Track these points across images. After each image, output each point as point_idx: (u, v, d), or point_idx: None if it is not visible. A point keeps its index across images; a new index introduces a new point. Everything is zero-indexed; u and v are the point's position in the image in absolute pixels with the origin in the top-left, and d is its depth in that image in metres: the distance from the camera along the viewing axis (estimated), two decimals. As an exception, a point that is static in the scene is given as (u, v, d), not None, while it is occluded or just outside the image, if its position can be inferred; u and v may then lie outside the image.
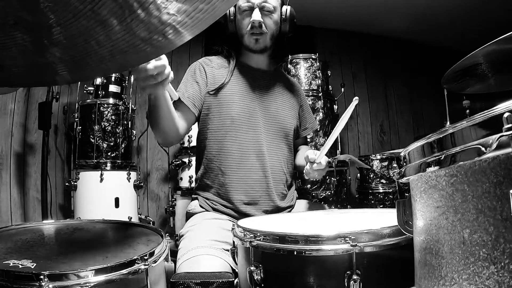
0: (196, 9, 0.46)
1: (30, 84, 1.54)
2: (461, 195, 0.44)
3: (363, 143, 3.50)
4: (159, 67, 0.82)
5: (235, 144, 1.20)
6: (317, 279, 0.70)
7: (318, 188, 2.19)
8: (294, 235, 0.72)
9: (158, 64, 0.82)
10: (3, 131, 2.31)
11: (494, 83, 1.15)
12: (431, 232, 0.50)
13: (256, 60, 1.32)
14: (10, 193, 2.29)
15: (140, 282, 0.63)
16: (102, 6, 0.42)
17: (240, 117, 1.22)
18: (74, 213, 2.11)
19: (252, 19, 1.19)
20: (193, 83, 1.24)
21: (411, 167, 0.54)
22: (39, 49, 0.47)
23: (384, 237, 0.70)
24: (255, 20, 1.19)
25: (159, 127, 1.07)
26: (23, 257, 0.65)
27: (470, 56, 0.99)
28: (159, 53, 0.55)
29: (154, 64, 0.81)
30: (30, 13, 0.42)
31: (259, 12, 1.19)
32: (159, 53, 0.55)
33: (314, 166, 1.12)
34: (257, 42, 1.23)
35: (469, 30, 3.08)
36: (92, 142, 2.16)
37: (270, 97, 1.30)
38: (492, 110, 0.38)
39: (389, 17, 3.13)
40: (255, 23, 1.19)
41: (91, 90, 2.31)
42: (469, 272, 0.42)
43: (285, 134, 1.30)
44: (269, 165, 1.22)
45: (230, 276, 0.79)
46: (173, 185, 2.69)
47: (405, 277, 0.64)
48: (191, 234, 1.09)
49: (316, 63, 2.39)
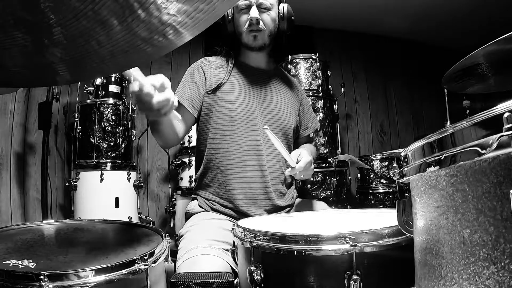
0: (196, 10, 0.46)
1: (30, 84, 1.54)
2: (461, 195, 0.44)
3: (363, 143, 3.50)
4: (162, 102, 0.81)
5: (235, 143, 1.21)
6: (317, 279, 0.70)
7: (318, 188, 2.19)
8: (294, 235, 0.72)
9: (161, 99, 0.81)
10: (3, 131, 2.31)
11: (494, 83, 1.15)
12: (431, 232, 0.50)
13: (255, 59, 1.32)
14: (10, 193, 2.29)
15: (140, 282, 0.63)
16: (102, 6, 0.42)
17: (239, 116, 1.22)
18: (74, 213, 2.11)
19: (250, 16, 1.20)
20: (192, 84, 1.24)
21: (411, 167, 0.54)
22: (40, 49, 0.47)
23: (384, 237, 0.70)
24: (252, 17, 1.20)
25: (160, 136, 1.11)
26: (23, 257, 0.65)
27: (470, 56, 0.99)
28: (159, 53, 0.55)
29: (157, 99, 0.80)
30: (30, 13, 0.42)
31: (256, 9, 1.21)
32: (159, 53, 0.55)
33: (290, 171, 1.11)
34: (255, 39, 1.24)
35: (469, 30, 3.08)
36: (92, 142, 2.16)
37: (270, 95, 1.30)
38: (492, 110, 0.38)
39: (389, 17, 3.13)
40: (253, 20, 1.20)
41: (91, 90, 2.31)
42: (469, 272, 0.42)
43: (285, 133, 1.30)
44: (267, 164, 1.22)
45: (230, 276, 0.79)
46: (173, 185, 2.70)
47: (405, 277, 0.64)
48: (190, 234, 1.09)
49: (316, 63, 2.39)
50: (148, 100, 0.80)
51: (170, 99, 0.84)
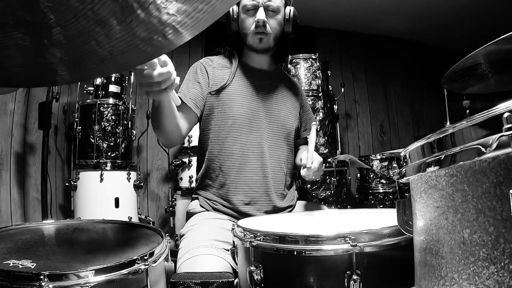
0: (196, 9, 0.46)
1: (30, 84, 1.54)
2: (461, 195, 0.44)
3: (363, 143, 3.50)
4: (164, 74, 0.80)
5: (237, 144, 1.20)
6: (317, 279, 0.70)
7: (318, 188, 2.19)
8: (294, 235, 0.72)
9: (163, 71, 0.80)
10: (3, 131, 2.31)
11: (494, 83, 1.15)
12: (431, 232, 0.50)
13: (258, 60, 1.32)
14: (10, 193, 2.29)
15: (140, 282, 0.63)
16: (102, 6, 0.42)
17: (242, 117, 1.22)
18: (74, 213, 2.11)
19: (256, 18, 1.19)
20: (195, 83, 1.24)
21: (411, 167, 0.54)
22: (39, 49, 0.47)
23: (384, 237, 0.70)
24: (260, 19, 1.19)
25: (162, 130, 1.08)
26: (23, 257, 0.65)
27: (470, 56, 0.99)
28: (159, 53, 0.55)
29: (159, 71, 0.79)
30: (30, 13, 0.42)
31: (263, 11, 1.20)
32: (159, 53, 0.55)
33: (306, 171, 1.12)
34: (261, 41, 1.23)
35: (469, 30, 3.08)
36: (92, 142, 2.16)
37: (272, 97, 1.30)
38: (492, 110, 0.38)
39: (389, 17, 3.13)
40: (260, 22, 1.19)
41: (91, 90, 2.31)
42: (469, 272, 0.42)
43: (287, 134, 1.30)
44: (269, 166, 1.22)
45: (230, 276, 0.79)
46: (173, 185, 2.69)
47: (405, 277, 0.64)
48: (191, 234, 1.09)
49: (316, 63, 2.39)
50: (150, 72, 0.79)
51: (172, 73, 0.83)
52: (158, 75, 0.80)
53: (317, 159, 1.15)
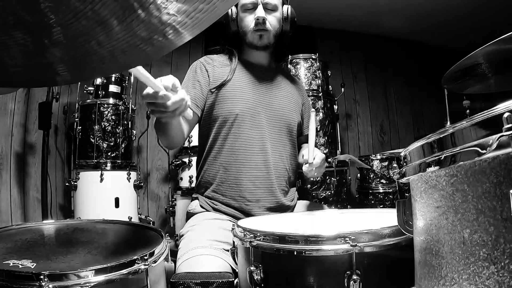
0: (196, 9, 0.46)
1: (30, 84, 1.54)
2: (461, 195, 0.44)
3: (363, 143, 3.49)
4: (178, 102, 0.80)
5: (238, 140, 1.20)
6: (317, 279, 0.70)
7: (318, 188, 2.19)
8: (294, 235, 0.72)
9: (177, 99, 0.80)
10: (3, 131, 2.31)
11: (494, 83, 1.15)
12: (431, 232, 0.50)
13: (258, 57, 1.33)
14: (10, 193, 2.29)
15: (140, 282, 0.63)
16: (102, 6, 0.42)
17: (244, 113, 1.22)
18: (74, 213, 2.11)
19: (256, 16, 1.21)
20: (195, 83, 1.24)
21: (411, 167, 0.54)
22: (40, 49, 0.47)
23: (384, 237, 0.70)
24: (259, 16, 1.20)
25: (167, 137, 1.10)
26: (23, 257, 0.65)
27: (470, 56, 0.99)
28: (159, 53, 0.55)
29: (173, 101, 0.79)
30: (30, 13, 0.42)
31: (262, 8, 1.21)
32: (159, 53, 0.55)
33: (308, 167, 1.11)
34: (261, 38, 1.24)
35: (469, 30, 3.08)
36: (92, 142, 2.16)
37: (273, 92, 1.30)
38: (492, 110, 0.38)
39: (389, 17, 3.13)
40: (259, 19, 1.20)
41: (91, 90, 2.31)
42: (469, 272, 0.42)
43: (289, 129, 1.30)
44: (272, 162, 1.22)
45: (230, 276, 0.79)
46: (173, 185, 2.69)
47: (405, 277, 0.64)
48: (191, 234, 1.09)
49: (316, 63, 2.39)
50: (164, 102, 0.78)
51: (185, 98, 0.83)
52: (172, 104, 0.79)
53: (319, 154, 1.15)
